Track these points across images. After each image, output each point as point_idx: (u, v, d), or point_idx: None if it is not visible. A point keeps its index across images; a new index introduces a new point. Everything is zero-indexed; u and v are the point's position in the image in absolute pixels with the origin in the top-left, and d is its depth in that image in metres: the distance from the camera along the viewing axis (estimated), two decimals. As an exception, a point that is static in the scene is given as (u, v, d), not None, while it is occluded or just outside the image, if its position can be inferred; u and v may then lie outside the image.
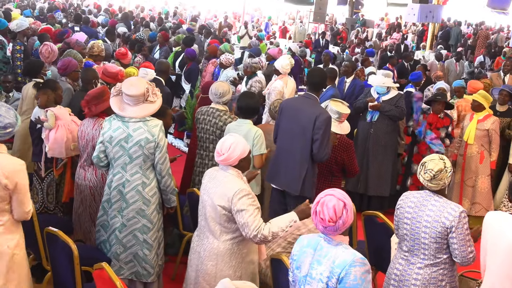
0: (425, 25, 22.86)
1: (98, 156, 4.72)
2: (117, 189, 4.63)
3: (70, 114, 5.58)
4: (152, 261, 4.73)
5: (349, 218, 3.05)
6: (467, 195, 7.60)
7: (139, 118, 4.54)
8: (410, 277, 3.98)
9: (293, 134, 5.37)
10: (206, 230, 4.07)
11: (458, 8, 27.68)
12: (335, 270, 2.98)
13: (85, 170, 5.18)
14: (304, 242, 3.22)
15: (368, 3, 31.00)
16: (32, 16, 15.53)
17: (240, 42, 21.67)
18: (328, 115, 5.33)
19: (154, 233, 4.71)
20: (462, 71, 16.27)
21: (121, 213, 4.65)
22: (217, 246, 4.00)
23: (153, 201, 4.66)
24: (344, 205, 3.05)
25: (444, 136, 7.40)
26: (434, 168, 3.86)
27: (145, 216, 4.64)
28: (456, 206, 3.86)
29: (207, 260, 4.03)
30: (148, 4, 31.23)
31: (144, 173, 4.61)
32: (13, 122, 3.77)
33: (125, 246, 4.68)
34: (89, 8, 23.01)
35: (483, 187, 7.52)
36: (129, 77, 5.32)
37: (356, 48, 19.26)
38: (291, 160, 5.37)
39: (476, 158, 7.50)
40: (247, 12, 33.00)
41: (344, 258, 2.99)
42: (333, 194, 3.10)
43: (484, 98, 7.41)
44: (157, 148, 4.54)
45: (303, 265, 3.14)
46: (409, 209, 3.99)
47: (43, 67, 7.14)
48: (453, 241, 3.82)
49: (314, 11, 23.25)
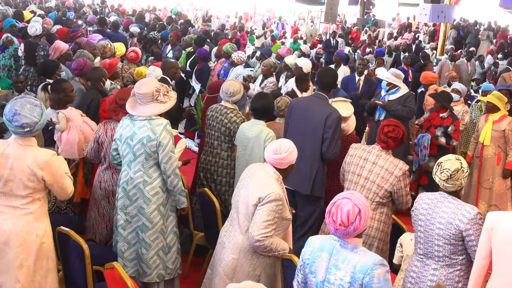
0: (437, 25, 22.76)
1: (112, 153, 4.82)
2: (122, 186, 4.67)
3: (82, 115, 5.62)
4: (150, 261, 4.70)
5: (362, 225, 2.99)
6: (484, 198, 7.50)
7: (145, 117, 4.56)
8: (426, 278, 3.95)
9: (304, 134, 5.36)
10: (236, 223, 4.11)
11: (470, 8, 27.51)
12: (357, 275, 2.93)
13: (103, 173, 5.23)
14: (316, 245, 3.16)
15: (379, 3, 30.90)
16: (58, 20, 15.50)
17: (256, 43, 21.66)
18: (338, 114, 5.32)
19: (154, 233, 4.67)
20: (474, 71, 16.15)
21: (123, 210, 4.67)
22: (242, 241, 4.02)
23: (154, 200, 4.64)
24: (359, 211, 2.98)
25: (439, 135, 7.26)
26: (451, 168, 3.82)
27: (144, 214, 4.63)
28: (471, 208, 3.81)
29: (229, 253, 4.06)
30: (160, 4, 31.30)
31: (145, 171, 4.62)
32: (31, 122, 3.75)
33: (130, 243, 4.70)
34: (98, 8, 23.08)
35: (499, 189, 7.43)
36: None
37: (367, 48, 19.20)
38: (301, 160, 5.35)
39: (493, 159, 7.41)
40: (258, 13, 33.06)
41: (365, 262, 2.94)
42: (351, 198, 3.02)
43: (498, 99, 7.32)
44: (159, 147, 4.54)
45: (319, 270, 3.08)
46: (423, 210, 3.96)
47: (58, 68, 7.18)
48: (472, 244, 3.76)
49: (325, 11, 23.22)
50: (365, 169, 4.80)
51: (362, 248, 3.04)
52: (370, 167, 4.78)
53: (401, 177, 4.67)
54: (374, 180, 4.75)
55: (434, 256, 3.93)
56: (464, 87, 8.97)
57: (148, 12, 24.98)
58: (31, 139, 3.86)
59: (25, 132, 3.78)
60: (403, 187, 4.70)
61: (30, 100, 3.84)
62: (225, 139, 5.87)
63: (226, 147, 5.88)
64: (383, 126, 4.77)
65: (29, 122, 3.75)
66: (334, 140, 5.24)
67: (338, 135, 5.28)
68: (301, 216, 5.40)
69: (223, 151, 5.90)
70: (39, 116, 3.80)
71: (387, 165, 4.71)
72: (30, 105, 3.80)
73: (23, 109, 3.75)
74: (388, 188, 4.70)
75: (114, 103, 5.07)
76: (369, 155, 4.82)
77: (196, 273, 5.57)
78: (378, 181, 4.73)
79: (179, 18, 21.95)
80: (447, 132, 7.28)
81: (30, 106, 3.79)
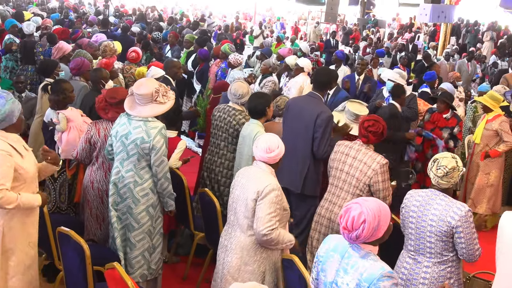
0: (437, 25, 22.75)
1: (107, 148, 4.84)
2: (113, 183, 4.69)
3: (82, 115, 5.62)
4: (133, 260, 4.70)
5: (365, 234, 2.86)
6: (469, 193, 7.60)
7: (141, 118, 4.56)
8: (418, 276, 3.98)
9: (296, 132, 5.39)
10: (235, 224, 4.12)
11: (470, 8, 27.50)
12: (362, 284, 2.85)
13: (94, 173, 5.19)
14: (331, 244, 3.10)
15: (379, 3, 30.91)
16: (60, 20, 15.48)
17: (254, 42, 21.63)
18: (329, 113, 5.32)
19: (140, 233, 4.68)
20: (474, 71, 16.15)
21: (114, 207, 4.69)
22: (243, 239, 4.04)
23: (143, 201, 4.64)
24: (364, 220, 2.86)
25: (448, 138, 7.27)
26: (448, 165, 3.86)
27: (132, 214, 4.64)
28: (461, 205, 3.84)
29: (232, 253, 4.08)
30: (160, 4, 31.30)
31: (137, 172, 4.62)
32: None
33: (121, 238, 4.72)
34: (99, 8, 23.10)
35: (479, 183, 7.48)
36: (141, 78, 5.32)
37: (367, 48, 19.21)
38: (293, 159, 5.38)
39: (479, 156, 7.49)
40: (258, 13, 33.06)
41: (372, 272, 2.85)
42: (361, 204, 2.92)
43: (492, 99, 7.36)
44: (152, 150, 4.54)
45: (329, 270, 3.05)
46: (414, 207, 3.99)
47: (57, 67, 7.19)
48: (461, 241, 3.81)
49: (326, 11, 23.22)
50: (347, 164, 4.87)
51: (374, 257, 2.94)
52: (350, 162, 4.85)
53: (379, 170, 4.70)
54: (353, 174, 4.81)
55: (426, 252, 3.95)
56: (452, 88, 9.03)
57: (150, 9, 24.98)
58: (1, 132, 3.81)
59: None
60: (380, 181, 4.71)
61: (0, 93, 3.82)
62: (232, 140, 5.86)
63: (233, 149, 5.85)
64: (364, 121, 4.84)
65: None
66: (324, 139, 5.24)
67: (328, 134, 5.28)
68: (296, 215, 5.39)
69: (229, 152, 5.89)
70: (2, 106, 3.73)
71: (366, 159, 4.76)
72: None
73: None
74: (365, 181, 4.74)
75: (103, 101, 5.04)
76: (350, 150, 4.89)
77: (196, 273, 5.56)
78: (357, 174, 4.78)
79: (181, 19, 21.99)
80: (453, 134, 7.30)
81: None
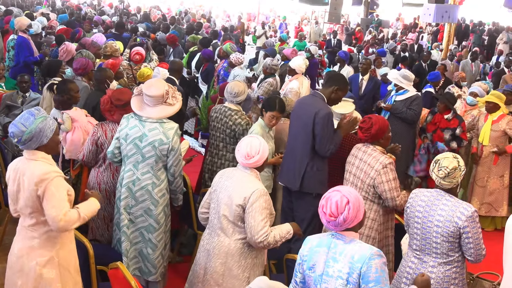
0: (441, 25, 22.71)
1: (112, 151, 4.77)
2: (127, 186, 4.66)
3: (86, 115, 5.63)
4: (155, 261, 4.74)
5: (351, 215, 3.02)
6: (477, 195, 7.56)
7: (156, 119, 4.57)
8: None
9: (296, 131, 5.41)
10: (217, 228, 4.07)
11: (474, 8, 27.44)
12: (355, 265, 2.97)
13: (101, 174, 5.18)
14: (314, 242, 3.20)
15: (383, 3, 30.85)
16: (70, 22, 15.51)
17: (257, 43, 21.63)
18: (328, 110, 5.27)
19: (160, 233, 4.72)
20: (478, 72, 16.12)
21: (127, 210, 4.68)
22: (227, 244, 4.01)
23: (161, 202, 4.68)
24: (348, 202, 3.02)
25: (450, 139, 7.27)
26: (449, 166, 3.85)
27: (152, 216, 4.66)
28: (468, 206, 3.84)
29: (216, 258, 4.03)
30: (164, 4, 31.31)
31: (155, 174, 4.64)
32: (17, 131, 3.47)
33: (132, 242, 4.72)
34: (103, 8, 23.13)
35: (494, 187, 7.47)
36: (150, 78, 5.29)
37: (370, 48, 19.18)
38: (292, 157, 5.40)
39: (490, 159, 7.45)
40: (261, 13, 33.05)
41: (363, 253, 2.98)
42: (340, 190, 3.09)
43: (498, 98, 7.34)
44: (171, 151, 4.57)
45: (318, 264, 3.12)
46: (419, 207, 3.98)
47: (61, 66, 7.20)
48: (469, 241, 3.81)
49: (329, 12, 23.21)
50: (354, 166, 4.90)
51: (359, 241, 3.09)
52: (357, 164, 4.88)
53: (381, 171, 4.67)
54: (359, 176, 4.83)
55: (432, 252, 3.95)
56: (483, 92, 8.91)
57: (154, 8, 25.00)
58: (35, 152, 3.56)
59: (18, 142, 3.53)
60: (384, 181, 4.68)
61: (31, 110, 3.58)
62: (230, 140, 5.87)
63: (232, 149, 5.84)
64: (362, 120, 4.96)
65: (15, 131, 3.49)
66: (325, 136, 5.18)
67: (330, 132, 5.22)
68: (297, 216, 5.39)
69: (229, 153, 5.90)
70: (30, 125, 3.48)
71: (370, 159, 4.77)
72: (28, 114, 3.54)
73: (20, 118, 3.53)
74: (369, 182, 4.74)
75: (109, 103, 5.02)
76: (358, 152, 4.92)
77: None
78: (362, 176, 4.80)
79: (188, 20, 22.00)
80: (455, 135, 7.28)
81: (27, 115, 3.53)
